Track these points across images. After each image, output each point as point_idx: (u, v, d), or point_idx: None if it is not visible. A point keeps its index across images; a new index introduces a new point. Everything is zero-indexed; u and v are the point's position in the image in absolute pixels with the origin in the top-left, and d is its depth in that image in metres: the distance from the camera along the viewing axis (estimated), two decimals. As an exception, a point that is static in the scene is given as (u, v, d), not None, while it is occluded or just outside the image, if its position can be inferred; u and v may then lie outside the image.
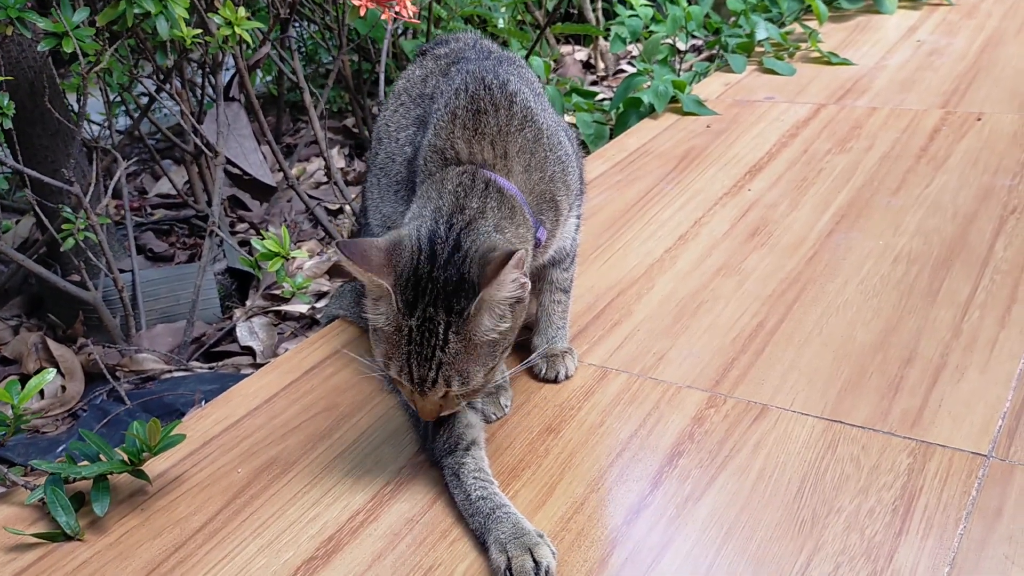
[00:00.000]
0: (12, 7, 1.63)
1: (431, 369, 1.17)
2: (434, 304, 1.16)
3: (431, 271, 1.17)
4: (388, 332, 1.19)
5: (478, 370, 1.19)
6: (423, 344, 1.16)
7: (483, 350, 1.19)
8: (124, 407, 1.93)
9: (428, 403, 1.21)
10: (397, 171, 1.46)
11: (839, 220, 1.93)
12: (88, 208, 1.90)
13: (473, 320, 1.16)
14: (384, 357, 1.20)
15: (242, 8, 1.87)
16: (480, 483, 1.24)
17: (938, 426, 1.31)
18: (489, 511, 1.20)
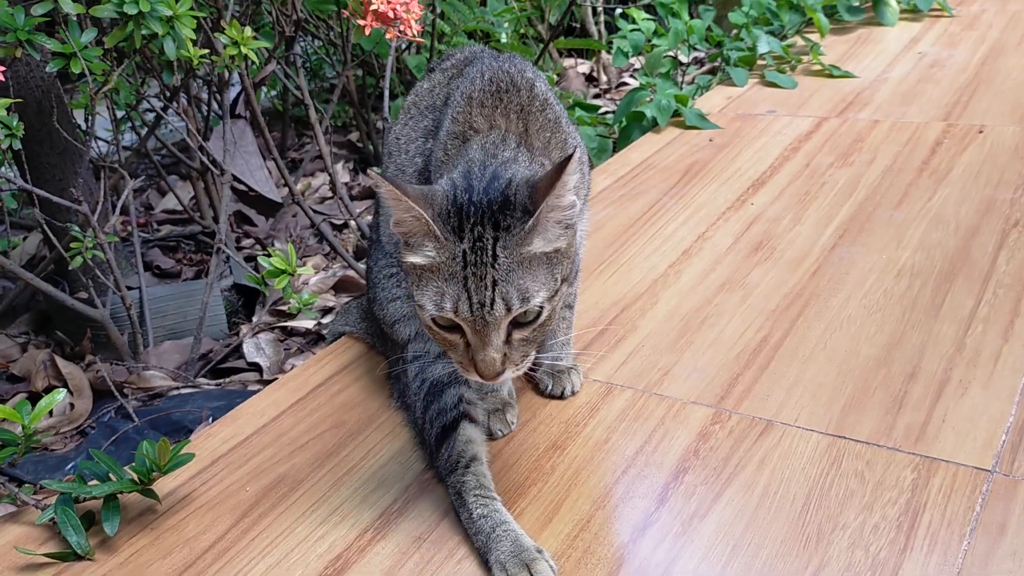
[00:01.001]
0: (21, 29, 1.64)
1: (487, 288, 1.11)
2: (481, 223, 1.12)
3: (470, 198, 1.14)
4: (438, 264, 1.13)
5: (538, 288, 1.13)
6: (478, 263, 1.11)
7: (539, 268, 1.14)
8: (132, 424, 1.94)
9: (491, 351, 1.12)
10: (408, 183, 1.47)
11: (842, 234, 1.94)
12: (96, 227, 1.92)
13: (526, 236, 1.12)
14: (436, 298, 1.13)
15: (248, 28, 1.89)
16: (481, 501, 1.25)
17: (942, 441, 1.32)
18: (490, 529, 1.21)
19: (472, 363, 1.14)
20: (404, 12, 1.82)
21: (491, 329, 1.12)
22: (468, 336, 1.14)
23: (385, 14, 1.81)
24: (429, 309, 1.14)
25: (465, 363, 1.16)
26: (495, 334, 1.12)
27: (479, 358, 1.13)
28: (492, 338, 1.12)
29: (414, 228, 1.14)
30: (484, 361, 1.13)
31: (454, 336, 1.15)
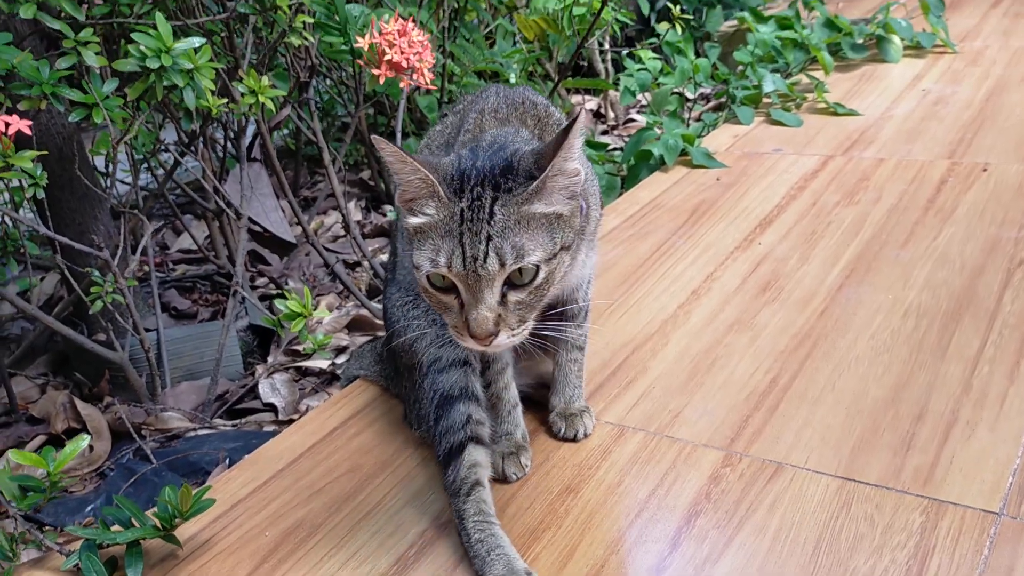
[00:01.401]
0: (47, 83, 1.70)
1: (481, 243, 1.13)
2: (481, 185, 1.15)
3: (474, 164, 1.17)
4: (437, 223, 1.16)
5: (534, 247, 1.14)
6: (476, 218, 1.13)
7: (537, 228, 1.16)
8: (150, 466, 1.97)
9: (483, 309, 1.13)
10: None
11: (849, 274, 1.97)
12: (117, 272, 1.96)
13: (528, 196, 1.15)
14: (431, 254, 1.15)
15: (265, 77, 1.94)
16: (480, 525, 1.29)
17: (950, 484, 1.34)
18: (486, 553, 1.25)
19: (465, 324, 1.15)
20: (417, 62, 1.87)
21: (484, 285, 1.13)
22: (462, 295, 1.16)
23: (399, 63, 1.86)
24: (425, 266, 1.16)
25: (459, 326, 1.17)
26: (488, 292, 1.14)
27: (472, 316, 1.14)
28: (485, 295, 1.14)
29: (419, 191, 1.17)
30: (476, 320, 1.14)
31: (448, 297, 1.17)
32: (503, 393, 1.48)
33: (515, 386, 1.50)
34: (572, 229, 1.21)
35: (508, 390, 1.49)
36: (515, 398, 1.50)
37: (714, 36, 4.26)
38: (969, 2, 4.32)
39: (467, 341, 1.17)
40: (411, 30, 1.90)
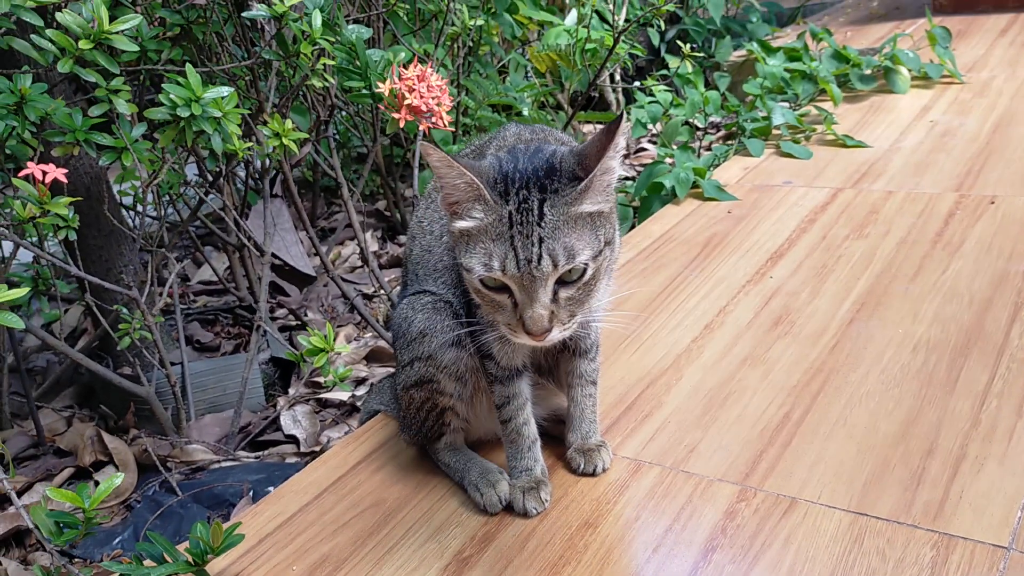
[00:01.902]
0: (80, 130, 1.76)
1: (535, 244, 1.17)
2: (526, 187, 1.20)
3: (515, 167, 1.22)
4: (485, 226, 1.20)
5: (583, 247, 1.20)
6: (524, 223, 1.18)
7: (584, 228, 1.21)
8: (176, 498, 2.02)
9: (538, 308, 1.18)
10: (435, 262, 1.55)
11: (859, 308, 2.01)
12: (145, 310, 2.02)
13: (576, 197, 1.20)
14: (484, 258, 1.20)
15: (288, 120, 2.00)
16: (452, 453, 1.60)
17: (959, 518, 1.37)
18: (462, 466, 1.56)
19: (520, 322, 1.21)
20: (436, 105, 1.93)
21: (538, 286, 1.19)
22: (516, 295, 1.21)
23: (418, 107, 1.92)
24: (477, 270, 1.21)
25: (513, 324, 1.23)
26: (542, 291, 1.20)
27: (527, 315, 1.20)
28: (539, 295, 1.19)
29: (464, 194, 1.22)
30: (532, 318, 1.19)
31: (502, 296, 1.23)
32: (523, 429, 1.52)
33: (534, 422, 1.54)
34: (612, 225, 1.27)
35: (528, 425, 1.52)
36: (535, 434, 1.54)
37: (723, 66, 4.32)
38: (976, 32, 4.37)
39: (521, 337, 1.23)
40: (430, 75, 1.96)
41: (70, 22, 1.61)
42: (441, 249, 1.52)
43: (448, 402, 1.54)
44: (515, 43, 3.71)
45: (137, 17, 1.64)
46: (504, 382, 1.49)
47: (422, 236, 1.57)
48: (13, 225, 1.73)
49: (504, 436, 1.54)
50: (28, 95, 1.65)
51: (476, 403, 1.57)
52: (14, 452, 2.23)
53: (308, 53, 1.99)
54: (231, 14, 2.12)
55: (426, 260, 1.54)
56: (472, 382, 1.53)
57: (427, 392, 1.53)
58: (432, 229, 1.55)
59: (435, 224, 1.56)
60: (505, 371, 1.48)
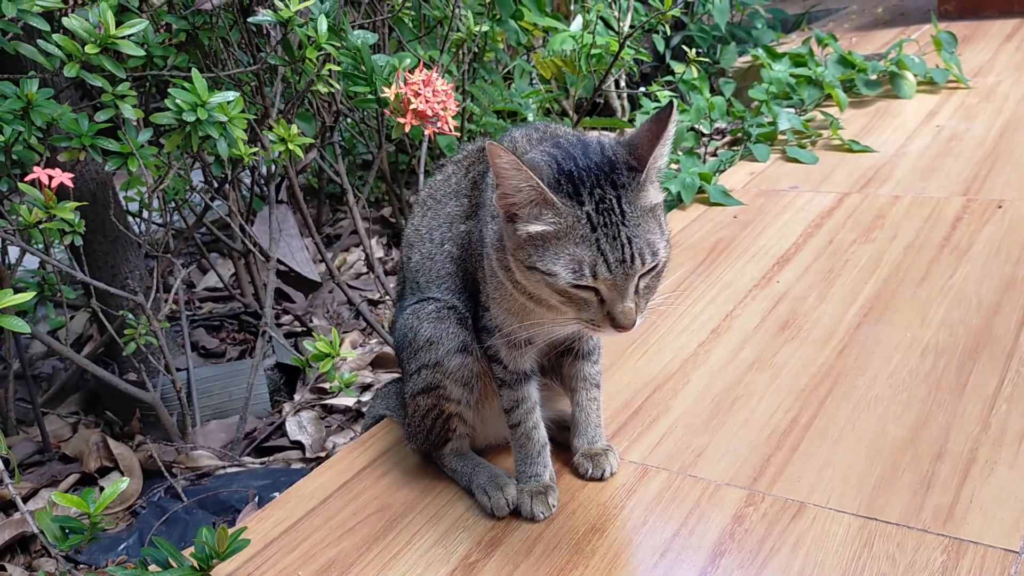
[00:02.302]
0: (86, 135, 1.76)
1: (624, 244, 1.18)
2: (600, 186, 1.20)
3: (576, 164, 1.22)
4: (563, 230, 1.19)
5: (659, 239, 1.22)
6: (608, 223, 1.18)
7: (653, 220, 1.23)
8: (182, 504, 2.01)
9: (628, 303, 1.20)
10: (437, 269, 1.54)
11: (867, 312, 2.00)
12: (151, 315, 2.02)
13: (640, 189, 1.21)
14: (572, 265, 1.19)
15: (294, 126, 2.00)
16: (459, 458, 1.59)
17: (970, 522, 1.36)
18: (470, 471, 1.57)
19: (607, 318, 1.21)
20: (441, 110, 1.93)
21: (629, 284, 1.20)
22: (604, 293, 1.21)
23: (424, 112, 1.92)
24: (564, 277, 1.20)
25: (598, 320, 1.23)
26: (631, 287, 1.21)
27: (618, 311, 1.20)
28: (629, 291, 1.21)
29: (528, 197, 1.20)
30: (624, 313, 1.20)
31: (587, 294, 1.22)
32: (532, 433, 1.51)
33: (544, 426, 1.54)
34: (663, 211, 1.28)
35: (537, 430, 1.52)
36: (544, 438, 1.53)
37: (728, 72, 4.32)
38: (982, 37, 4.37)
39: (606, 331, 1.23)
40: (435, 80, 1.96)
41: (76, 27, 1.62)
42: (443, 256, 1.52)
43: (455, 408, 1.53)
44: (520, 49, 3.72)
45: (143, 22, 1.64)
46: (513, 386, 1.49)
47: (421, 244, 1.57)
48: (19, 230, 1.73)
49: (513, 440, 1.53)
50: (34, 100, 1.66)
51: (482, 409, 1.57)
52: (20, 458, 2.23)
53: (314, 58, 1.99)
54: (237, 19, 2.12)
55: (428, 267, 1.54)
56: (479, 388, 1.53)
57: (434, 399, 1.53)
58: (432, 237, 1.55)
59: (435, 232, 1.55)
60: (513, 375, 1.48)
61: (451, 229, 1.52)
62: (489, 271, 1.40)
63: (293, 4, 1.87)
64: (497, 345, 1.46)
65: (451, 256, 1.51)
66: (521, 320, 1.38)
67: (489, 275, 1.40)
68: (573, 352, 1.55)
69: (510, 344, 1.44)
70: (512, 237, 1.26)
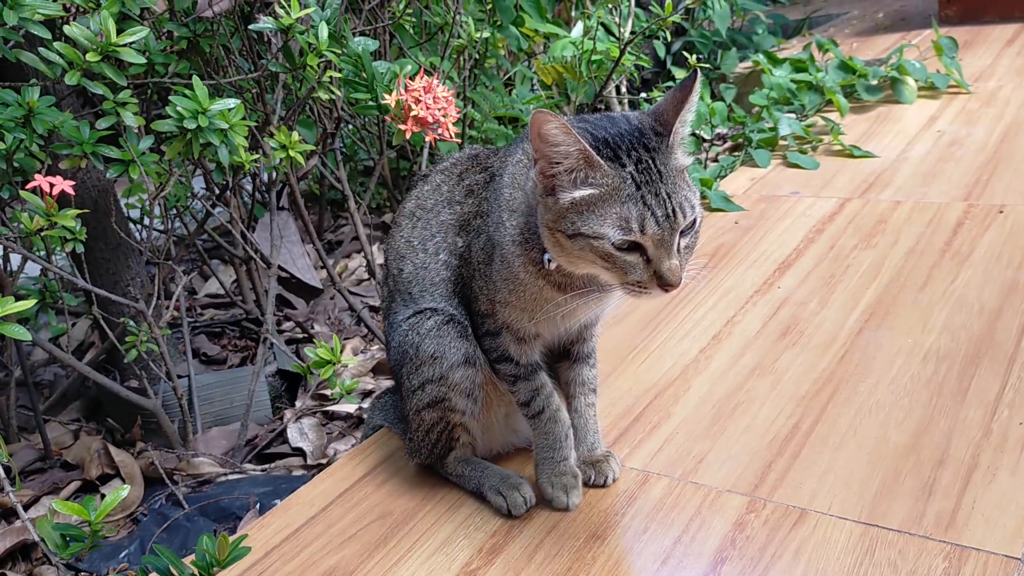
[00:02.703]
0: (87, 142, 1.77)
1: (666, 199, 1.22)
2: (635, 148, 1.24)
3: (609, 131, 1.26)
4: (607, 192, 1.22)
5: (694, 197, 1.26)
6: (649, 181, 1.22)
7: (684, 180, 1.27)
8: (183, 511, 2.01)
9: (675, 259, 1.23)
10: (431, 277, 1.54)
11: (868, 318, 2.00)
12: (152, 323, 2.02)
13: (671, 151, 1.25)
14: (620, 223, 1.21)
15: (295, 132, 2.01)
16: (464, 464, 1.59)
17: (972, 529, 1.36)
18: (479, 474, 1.56)
19: (654, 277, 1.23)
20: (442, 116, 1.93)
21: (673, 239, 1.23)
22: (649, 252, 1.23)
23: (425, 119, 1.92)
24: (613, 236, 1.22)
25: (645, 281, 1.24)
26: (675, 243, 1.24)
27: (665, 268, 1.23)
28: (674, 247, 1.24)
29: (575, 162, 1.23)
30: (671, 270, 1.23)
31: (632, 256, 1.24)
32: (557, 415, 1.52)
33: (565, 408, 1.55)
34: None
35: (561, 411, 1.53)
36: (568, 419, 1.54)
37: (729, 77, 4.32)
38: (982, 42, 4.37)
39: (653, 291, 1.25)
40: (436, 86, 1.97)
41: (78, 35, 1.62)
42: (439, 265, 1.52)
43: (460, 419, 1.54)
44: (521, 55, 3.72)
45: (144, 30, 1.65)
46: (528, 377, 1.50)
47: (413, 255, 1.56)
48: (21, 238, 1.73)
49: (538, 430, 1.53)
50: (36, 108, 1.66)
51: (485, 418, 1.57)
52: (21, 465, 2.23)
53: (314, 65, 1.99)
54: (238, 27, 2.13)
55: (422, 277, 1.54)
56: (482, 398, 1.54)
57: (440, 412, 1.54)
58: (426, 247, 1.55)
59: (428, 242, 1.55)
60: (526, 368, 1.49)
61: (445, 237, 1.52)
62: (503, 275, 1.40)
63: (294, 11, 1.87)
64: (505, 344, 1.47)
65: (447, 265, 1.51)
66: (533, 313, 1.41)
67: (500, 279, 1.41)
68: (571, 356, 1.56)
69: (518, 339, 1.47)
70: (552, 210, 1.28)
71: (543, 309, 1.40)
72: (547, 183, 1.26)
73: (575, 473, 1.52)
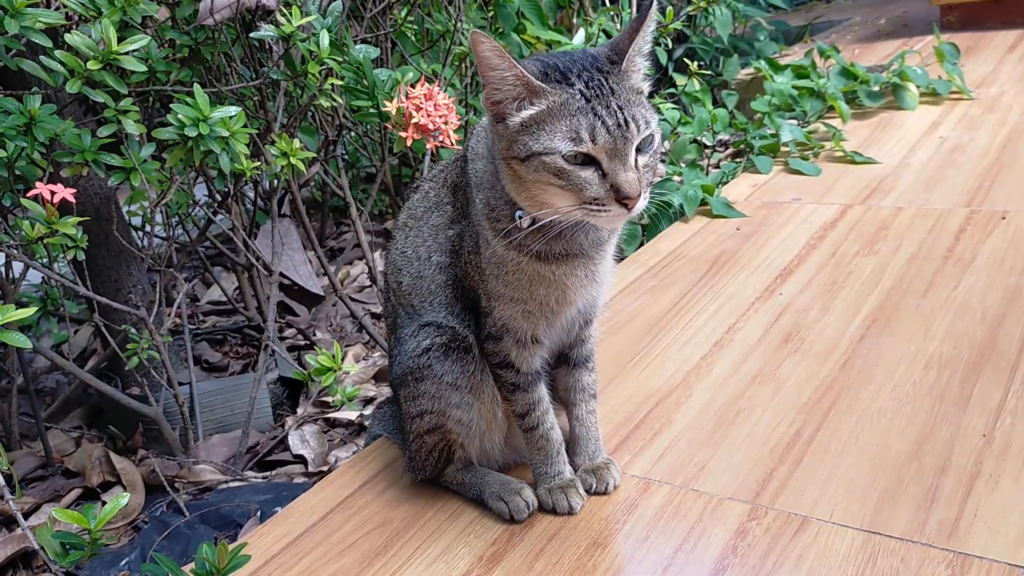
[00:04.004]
0: (88, 151, 1.77)
1: (618, 111, 1.23)
2: (586, 71, 1.26)
3: (560, 62, 1.28)
4: (555, 108, 1.24)
5: (649, 114, 1.27)
6: (600, 95, 1.23)
7: (640, 100, 1.28)
8: (184, 519, 2.01)
9: (631, 172, 1.23)
10: (428, 284, 1.54)
11: (870, 324, 1.99)
12: (153, 330, 2.02)
13: (625, 72, 1.27)
14: (570, 134, 1.22)
15: (296, 140, 2.01)
16: (463, 472, 1.59)
17: (974, 537, 1.35)
18: (479, 480, 1.57)
19: (612, 191, 1.23)
20: (443, 124, 1.93)
21: (628, 149, 1.23)
22: (604, 166, 1.24)
23: (425, 126, 1.92)
24: (563, 147, 1.23)
25: (602, 197, 1.24)
26: (630, 155, 1.24)
27: (621, 180, 1.22)
28: (629, 159, 1.24)
29: (515, 90, 1.25)
30: (628, 181, 1.22)
31: (587, 172, 1.24)
32: (550, 434, 1.53)
33: (558, 426, 1.54)
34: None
35: (554, 430, 1.53)
36: (560, 437, 1.55)
37: (731, 84, 4.33)
38: (984, 48, 4.37)
39: (612, 208, 1.24)
40: (437, 94, 1.97)
41: (79, 43, 1.62)
42: (433, 269, 1.52)
43: (459, 439, 1.55)
44: (522, 62, 3.72)
45: (145, 38, 1.65)
46: (527, 388, 1.50)
47: (409, 265, 1.56)
48: (22, 245, 1.73)
49: (531, 445, 1.54)
50: (37, 116, 1.66)
51: (487, 441, 1.57)
52: (23, 473, 2.23)
53: (316, 73, 2.00)
54: (239, 35, 2.13)
55: (419, 286, 1.54)
56: (482, 424, 1.54)
57: (439, 435, 1.55)
58: (419, 254, 1.54)
59: (420, 248, 1.55)
60: (526, 376, 1.49)
61: (436, 239, 1.52)
62: (487, 259, 1.41)
63: (295, 19, 1.88)
64: (507, 349, 1.47)
65: (440, 267, 1.51)
66: (526, 304, 1.41)
67: (487, 264, 1.41)
68: (570, 360, 1.56)
69: (520, 344, 1.46)
70: (504, 136, 1.29)
71: (533, 294, 1.40)
72: (496, 111, 1.28)
73: (571, 480, 1.53)
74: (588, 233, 1.37)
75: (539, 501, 1.53)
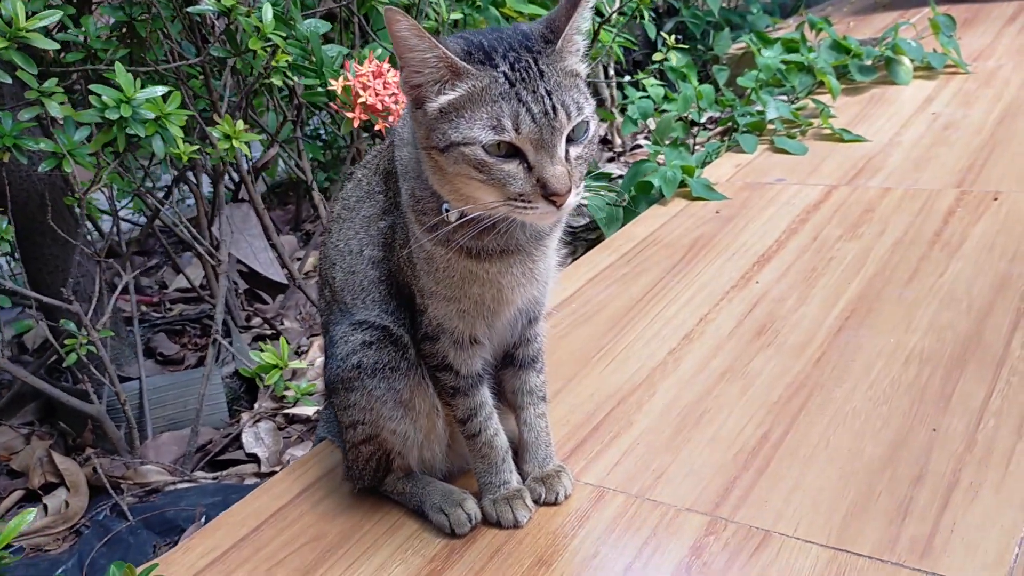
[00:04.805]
0: (8, 135, 1.65)
1: (546, 97, 1.11)
2: (513, 50, 1.14)
3: (487, 39, 1.16)
4: (476, 93, 1.12)
5: (583, 101, 1.14)
6: (526, 79, 1.12)
7: (576, 86, 1.16)
8: (126, 524, 1.91)
9: (559, 165, 1.12)
10: (360, 280, 1.42)
11: (848, 316, 1.87)
12: (89, 326, 1.91)
13: (559, 53, 1.15)
14: (491, 122, 1.11)
15: (240, 121, 1.89)
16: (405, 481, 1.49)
17: (949, 555, 1.24)
18: (421, 490, 1.47)
19: (539, 187, 1.12)
20: (393, 103, 1.81)
21: (556, 140, 1.12)
22: (530, 158, 1.12)
23: (374, 106, 1.80)
24: (483, 137, 1.11)
25: (529, 193, 1.12)
26: (559, 146, 1.12)
27: (549, 174, 1.11)
28: (558, 151, 1.12)
29: (436, 72, 1.13)
30: (556, 175, 1.11)
31: (511, 165, 1.12)
32: (494, 440, 1.41)
33: (503, 432, 1.43)
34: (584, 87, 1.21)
35: (498, 436, 1.42)
36: (506, 444, 1.43)
37: (723, 59, 4.18)
38: (982, 20, 4.21)
39: (539, 206, 1.13)
40: (387, 71, 1.85)
41: (-15, 21, 1.51)
42: (365, 264, 1.40)
43: (398, 448, 1.44)
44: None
45: (56, 13, 1.53)
46: (468, 392, 1.38)
47: (342, 259, 1.43)
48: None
49: (474, 452, 1.43)
50: (-56, 100, 1.55)
51: (426, 450, 1.46)
52: (-35, 473, 2.14)
53: (260, 50, 1.88)
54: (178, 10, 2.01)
55: (352, 282, 1.41)
56: (421, 433, 1.43)
57: (375, 445, 1.44)
58: (351, 247, 1.42)
59: (352, 241, 1.42)
60: (467, 379, 1.38)
61: (368, 231, 1.40)
62: (417, 255, 1.29)
63: (233, -8, 1.75)
64: (444, 350, 1.35)
65: (373, 261, 1.39)
66: (460, 303, 1.30)
67: (418, 259, 1.30)
68: (516, 361, 1.44)
69: (458, 344, 1.35)
70: (424, 124, 1.16)
71: (467, 293, 1.28)
72: (415, 94, 1.16)
73: (518, 490, 1.42)
74: (526, 227, 1.25)
75: (483, 513, 1.42)
